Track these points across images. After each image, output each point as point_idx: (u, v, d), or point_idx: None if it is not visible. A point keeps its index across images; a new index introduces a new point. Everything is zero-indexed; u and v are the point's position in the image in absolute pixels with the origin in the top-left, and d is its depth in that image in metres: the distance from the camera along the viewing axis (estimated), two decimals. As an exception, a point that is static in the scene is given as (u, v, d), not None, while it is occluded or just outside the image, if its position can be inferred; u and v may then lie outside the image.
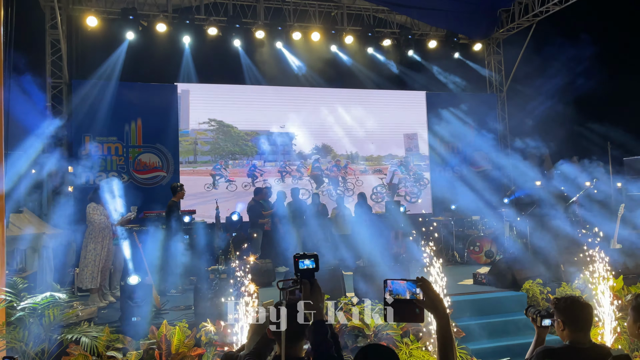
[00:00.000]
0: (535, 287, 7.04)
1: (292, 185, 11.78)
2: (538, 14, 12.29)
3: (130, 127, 11.23)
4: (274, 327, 2.42)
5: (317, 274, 5.36)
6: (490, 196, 12.08)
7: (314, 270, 2.38)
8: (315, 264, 2.38)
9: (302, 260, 2.38)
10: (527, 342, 5.99)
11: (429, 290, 2.14)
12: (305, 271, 2.37)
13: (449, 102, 13.54)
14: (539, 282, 7.11)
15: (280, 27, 11.96)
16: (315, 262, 2.39)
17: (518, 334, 6.28)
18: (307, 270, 2.37)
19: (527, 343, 5.97)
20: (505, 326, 6.41)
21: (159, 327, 5.51)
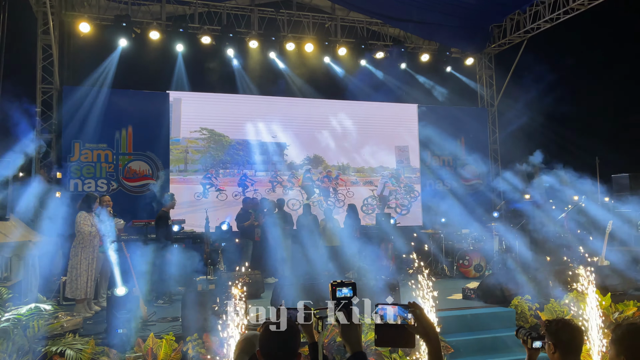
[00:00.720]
0: (523, 303, 7.05)
1: (282, 195, 11.75)
2: (529, 30, 12.45)
3: (120, 135, 11.16)
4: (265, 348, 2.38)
5: (305, 286, 5.33)
6: (480, 210, 12.14)
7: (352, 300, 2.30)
8: (353, 292, 2.30)
9: (340, 288, 2.30)
10: (516, 359, 6.03)
11: (421, 316, 2.12)
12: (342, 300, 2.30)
13: (440, 115, 13.62)
14: (527, 299, 7.12)
15: (273, 37, 12.00)
16: (353, 290, 2.31)
17: (507, 351, 6.27)
18: (344, 298, 2.30)
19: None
20: (494, 343, 6.40)
21: (145, 339, 5.44)
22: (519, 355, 6.05)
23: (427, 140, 13.44)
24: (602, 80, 14.63)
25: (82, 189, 10.71)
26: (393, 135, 13.42)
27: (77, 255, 7.11)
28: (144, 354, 5.28)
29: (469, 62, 13.90)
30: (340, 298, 2.28)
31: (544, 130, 13.01)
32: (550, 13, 11.60)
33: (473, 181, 13.85)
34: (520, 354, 6.12)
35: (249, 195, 11.72)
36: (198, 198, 11.60)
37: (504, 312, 7.04)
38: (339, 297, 2.27)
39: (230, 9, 12.01)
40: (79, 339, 5.30)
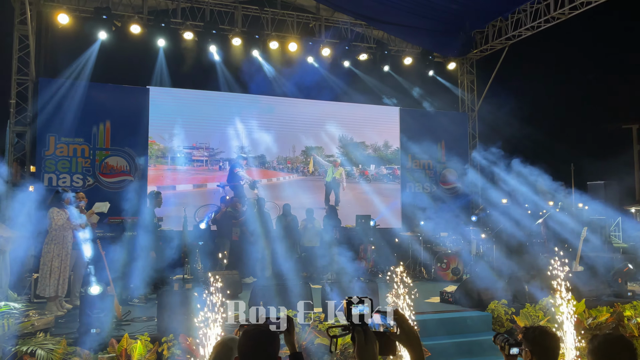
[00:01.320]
0: (500, 307, 7.12)
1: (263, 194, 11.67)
2: (511, 37, 12.60)
3: (98, 129, 10.94)
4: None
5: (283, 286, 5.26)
6: (459, 213, 12.24)
7: (367, 317, 2.19)
8: (370, 308, 2.21)
9: (357, 304, 2.20)
10: (492, 363, 6.07)
11: (404, 323, 2.09)
12: (359, 316, 2.18)
13: (421, 118, 13.72)
14: (504, 303, 7.20)
15: (257, 35, 11.91)
16: (371, 307, 2.21)
17: (483, 355, 6.32)
18: (360, 316, 2.18)
19: (492, 365, 6.05)
20: (470, 346, 6.45)
21: (120, 339, 5.33)
22: (496, 359, 6.11)
23: (408, 143, 13.50)
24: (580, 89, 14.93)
25: (56, 183, 10.46)
26: (374, 137, 13.45)
27: (49, 252, 6.93)
28: (117, 354, 5.16)
29: (451, 66, 14.02)
30: (356, 315, 2.22)
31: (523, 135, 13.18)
32: (532, 21, 11.76)
33: (452, 185, 13.97)
34: (496, 357, 6.18)
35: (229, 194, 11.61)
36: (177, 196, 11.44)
37: (481, 316, 7.10)
38: (355, 314, 2.22)
39: (213, 5, 11.88)
40: (50, 339, 5.16)
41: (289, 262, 9.97)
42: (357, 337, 2.13)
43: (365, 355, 2.08)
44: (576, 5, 10.69)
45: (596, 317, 6.96)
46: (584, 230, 9.45)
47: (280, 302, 6.31)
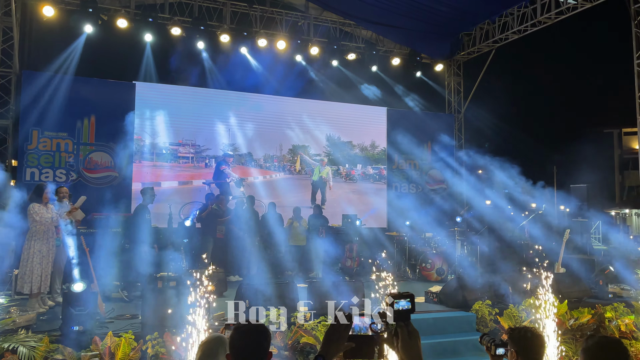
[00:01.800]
0: (484, 308, 7.18)
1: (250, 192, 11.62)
2: (498, 40, 12.72)
3: (82, 124, 10.79)
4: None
5: (269, 285, 5.23)
6: (444, 214, 12.34)
7: (410, 312, 2.19)
8: (411, 304, 2.18)
9: (398, 300, 2.18)
10: (475, 363, 6.12)
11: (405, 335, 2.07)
12: (401, 313, 2.18)
13: (408, 119, 13.79)
14: (487, 304, 7.26)
15: (245, 32, 11.84)
16: (412, 302, 2.18)
17: (467, 355, 6.37)
18: (402, 311, 2.17)
19: (476, 364, 6.10)
20: (455, 346, 6.49)
21: (103, 337, 5.26)
22: (479, 358, 6.17)
23: (395, 143, 13.57)
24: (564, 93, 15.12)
25: (39, 178, 10.30)
26: (362, 136, 13.48)
27: (30, 248, 6.80)
28: (100, 352, 5.10)
29: (439, 68, 14.10)
30: (398, 311, 2.21)
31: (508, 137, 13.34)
32: (519, 25, 11.88)
33: (438, 186, 14.06)
34: (479, 357, 6.24)
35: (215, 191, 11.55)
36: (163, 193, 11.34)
37: (465, 317, 7.16)
38: (397, 310, 2.20)
39: (202, 1, 11.79)
40: (32, 336, 5.08)
41: (275, 260, 9.97)
42: (401, 332, 2.12)
43: (410, 351, 2.07)
44: (562, 11, 10.83)
45: (578, 319, 7.06)
46: (567, 233, 9.58)
47: (266, 301, 6.29)
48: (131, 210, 10.69)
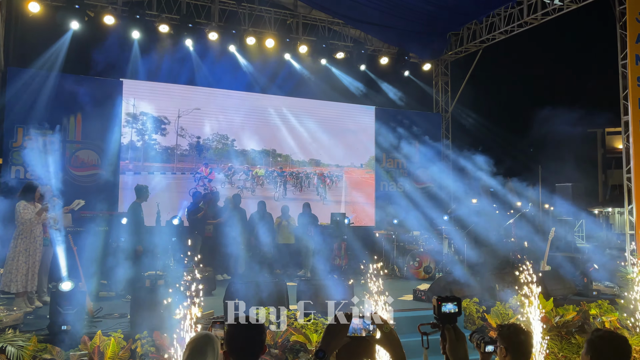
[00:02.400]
0: (472, 305, 7.26)
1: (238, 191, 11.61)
2: (485, 40, 12.83)
3: (69, 122, 10.67)
4: None
5: (259, 284, 5.21)
6: (432, 212, 12.43)
7: (457, 315, 2.28)
8: (458, 308, 2.27)
9: (445, 303, 2.27)
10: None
11: (383, 326, 2.10)
12: (448, 315, 2.27)
13: (396, 118, 13.86)
14: (475, 301, 7.35)
15: (234, 30, 11.80)
16: (458, 306, 2.27)
17: (454, 352, 6.42)
18: (449, 314, 2.27)
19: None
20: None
21: (92, 336, 5.23)
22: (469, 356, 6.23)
23: (383, 142, 13.64)
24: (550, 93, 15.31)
25: (24, 176, 10.17)
26: (350, 135, 13.53)
27: (16, 247, 6.73)
28: (90, 352, 5.07)
29: (426, 67, 14.19)
30: (446, 314, 2.25)
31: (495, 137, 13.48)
32: (505, 25, 11.99)
33: (425, 184, 14.16)
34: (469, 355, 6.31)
35: (201, 189, 11.51)
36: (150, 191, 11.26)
37: (453, 314, 7.21)
38: (444, 313, 2.24)
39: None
40: (20, 335, 5.04)
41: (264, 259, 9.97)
42: (448, 334, 2.17)
43: (458, 352, 2.11)
44: (548, 12, 10.96)
45: (563, 316, 7.17)
46: (552, 231, 9.72)
47: (256, 300, 6.29)
48: (118, 208, 10.63)
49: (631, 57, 9.39)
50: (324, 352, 2.04)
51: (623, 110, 9.67)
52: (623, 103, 9.67)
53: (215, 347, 2.66)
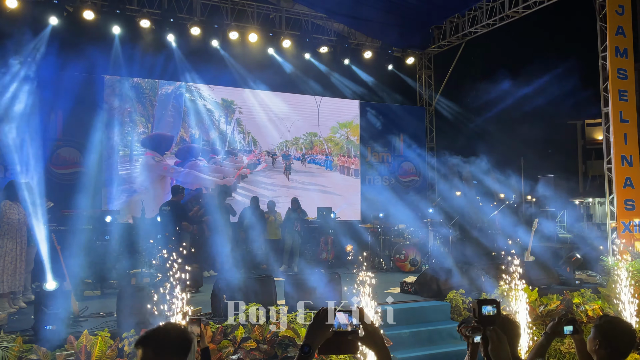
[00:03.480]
0: (458, 297, 7.34)
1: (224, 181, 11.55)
2: (467, 34, 12.91)
3: (49, 119, 10.49)
4: None
5: (246, 280, 5.16)
6: (417, 206, 12.51)
7: (496, 317, 2.28)
8: (497, 310, 2.28)
9: (485, 305, 2.27)
10: (450, 351, 6.29)
11: (367, 324, 2.12)
12: (487, 318, 2.27)
13: (380, 112, 13.91)
14: (461, 293, 7.43)
15: (216, 25, 11.70)
16: (497, 308, 2.29)
17: (441, 343, 6.51)
18: (489, 317, 2.27)
19: (450, 352, 6.27)
20: (430, 335, 6.62)
21: (77, 336, 5.17)
22: (453, 347, 6.32)
23: (367, 136, 13.67)
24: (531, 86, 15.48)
25: (4, 175, 9.98)
26: (334, 129, 13.53)
27: (1, 247, 6.62)
28: (76, 351, 5.01)
29: (410, 61, 14.23)
30: (485, 316, 2.26)
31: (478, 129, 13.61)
32: (487, 19, 12.08)
33: (410, 177, 14.24)
34: (454, 345, 6.39)
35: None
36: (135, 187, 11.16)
37: (440, 306, 7.30)
38: (484, 315, 2.25)
39: (171, -7, 11.57)
40: (5, 336, 4.96)
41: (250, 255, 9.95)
42: (491, 337, 2.18)
43: (501, 354, 2.13)
44: (529, 5, 11.06)
45: (547, 305, 7.28)
46: (535, 222, 9.86)
47: (243, 295, 6.28)
48: (101, 206, 10.51)
49: (611, 49, 9.53)
50: (309, 346, 2.04)
51: (603, 102, 9.82)
52: (603, 95, 9.81)
53: (193, 345, 2.65)
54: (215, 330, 5.67)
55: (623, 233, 9.13)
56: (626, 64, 9.63)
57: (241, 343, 5.67)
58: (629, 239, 9.07)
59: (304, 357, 2.04)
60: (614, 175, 9.45)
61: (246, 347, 5.64)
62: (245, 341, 5.69)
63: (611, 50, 9.52)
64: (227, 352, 5.54)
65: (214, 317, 6.29)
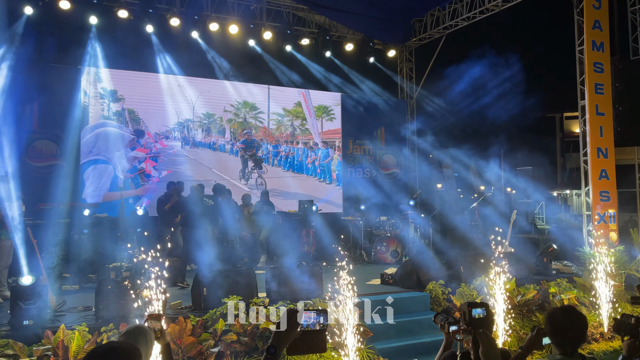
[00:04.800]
0: (437, 287, 7.43)
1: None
2: (448, 27, 12.97)
3: (24, 111, 10.26)
4: None
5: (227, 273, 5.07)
6: (398, 198, 12.60)
7: (486, 320, 2.32)
8: (486, 312, 2.34)
9: (475, 308, 2.32)
10: (430, 341, 6.37)
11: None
12: (478, 320, 2.31)
13: (362, 105, 13.90)
14: (441, 283, 7.52)
15: (196, 16, 11.55)
16: (487, 311, 2.35)
17: (421, 333, 6.58)
18: (479, 319, 2.32)
19: (430, 342, 6.35)
20: (410, 326, 6.69)
21: (55, 331, 5.11)
22: (433, 337, 6.40)
23: (349, 129, 13.68)
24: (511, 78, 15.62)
25: (-22, 168, 9.77)
26: (316, 122, 13.52)
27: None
28: (54, 346, 4.96)
29: (391, 54, 14.25)
30: (475, 319, 2.28)
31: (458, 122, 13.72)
32: (468, 12, 12.15)
33: (391, 170, 14.31)
34: (434, 335, 6.47)
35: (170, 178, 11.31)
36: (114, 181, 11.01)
37: (420, 296, 7.39)
38: (474, 318, 2.28)
39: (149, -17, 11.38)
40: (-21, 332, 4.88)
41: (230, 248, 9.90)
42: (481, 340, 2.21)
43: (492, 356, 2.15)
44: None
45: (524, 295, 7.41)
46: (514, 213, 10.00)
47: (224, 289, 6.27)
48: (79, 200, 10.36)
49: (588, 43, 9.67)
50: (275, 347, 2.04)
51: (580, 95, 9.97)
52: (580, 88, 9.96)
53: (149, 338, 2.66)
54: (195, 323, 5.65)
55: (598, 224, 9.31)
56: (602, 57, 9.79)
57: (222, 336, 5.67)
58: (604, 230, 9.26)
59: (270, 359, 2.04)
60: (590, 167, 9.62)
61: (227, 340, 5.64)
62: (225, 334, 5.69)
63: (588, 44, 9.66)
64: (207, 345, 5.53)
65: (194, 310, 6.27)
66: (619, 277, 8.04)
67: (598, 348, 6.97)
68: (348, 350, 5.75)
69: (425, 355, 6.13)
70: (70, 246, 7.97)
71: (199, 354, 5.43)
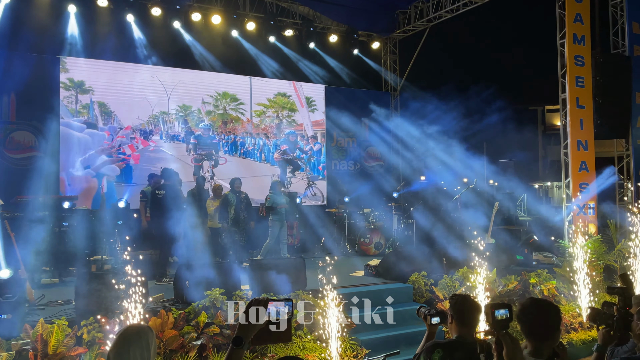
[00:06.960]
0: (420, 279, 7.47)
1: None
2: (432, 19, 12.98)
3: (2, 101, 10.05)
4: None
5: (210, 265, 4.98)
6: (382, 190, 12.64)
7: (509, 321, 2.26)
8: (509, 313, 2.29)
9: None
10: (413, 332, 6.40)
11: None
12: (501, 321, 2.25)
13: (346, 97, 13.87)
14: (423, 275, 7.56)
15: (178, 6, 11.38)
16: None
17: (404, 325, 6.61)
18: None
19: (413, 332, 6.38)
20: (393, 317, 6.71)
21: (34, 325, 5.02)
22: (416, 328, 6.44)
23: (333, 120, 13.65)
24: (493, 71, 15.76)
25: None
26: (300, 114, 13.46)
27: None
28: (32, 340, 4.88)
29: (375, 46, 14.22)
30: (499, 320, 2.25)
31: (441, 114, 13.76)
32: (451, 4, 12.16)
33: (375, 162, 14.33)
34: (416, 326, 6.51)
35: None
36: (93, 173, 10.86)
37: (403, 288, 7.42)
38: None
39: (130, -28, 11.16)
40: (-45, 327, 4.77)
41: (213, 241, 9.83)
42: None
43: (516, 357, 2.14)
44: (492, -9, 11.19)
45: (505, 285, 7.51)
46: (496, 205, 10.10)
47: (207, 281, 6.23)
48: (59, 192, 10.20)
49: (569, 36, 9.75)
50: (241, 338, 2.02)
51: (561, 88, 10.07)
52: (561, 81, 10.06)
53: (150, 340, 2.31)
54: (177, 316, 5.61)
55: (578, 215, 9.44)
56: (583, 50, 9.88)
57: (204, 328, 5.64)
58: (584, 221, 9.39)
59: (236, 351, 2.01)
60: (570, 159, 9.74)
61: (209, 333, 5.61)
62: (208, 326, 5.66)
63: (569, 37, 9.74)
64: (189, 338, 5.50)
65: (177, 303, 6.23)
66: (597, 268, 8.16)
67: (577, 337, 7.09)
68: (330, 341, 5.76)
69: (409, 345, 6.16)
70: (50, 239, 7.83)
71: (181, 347, 5.40)
